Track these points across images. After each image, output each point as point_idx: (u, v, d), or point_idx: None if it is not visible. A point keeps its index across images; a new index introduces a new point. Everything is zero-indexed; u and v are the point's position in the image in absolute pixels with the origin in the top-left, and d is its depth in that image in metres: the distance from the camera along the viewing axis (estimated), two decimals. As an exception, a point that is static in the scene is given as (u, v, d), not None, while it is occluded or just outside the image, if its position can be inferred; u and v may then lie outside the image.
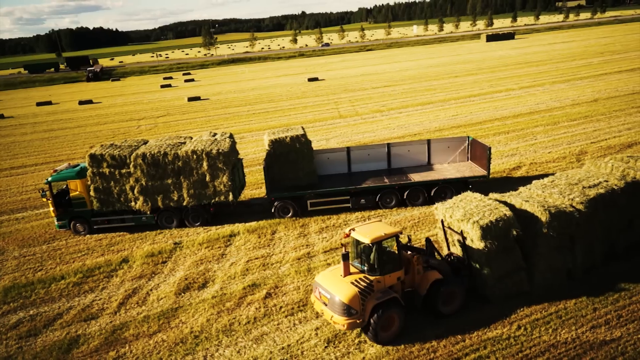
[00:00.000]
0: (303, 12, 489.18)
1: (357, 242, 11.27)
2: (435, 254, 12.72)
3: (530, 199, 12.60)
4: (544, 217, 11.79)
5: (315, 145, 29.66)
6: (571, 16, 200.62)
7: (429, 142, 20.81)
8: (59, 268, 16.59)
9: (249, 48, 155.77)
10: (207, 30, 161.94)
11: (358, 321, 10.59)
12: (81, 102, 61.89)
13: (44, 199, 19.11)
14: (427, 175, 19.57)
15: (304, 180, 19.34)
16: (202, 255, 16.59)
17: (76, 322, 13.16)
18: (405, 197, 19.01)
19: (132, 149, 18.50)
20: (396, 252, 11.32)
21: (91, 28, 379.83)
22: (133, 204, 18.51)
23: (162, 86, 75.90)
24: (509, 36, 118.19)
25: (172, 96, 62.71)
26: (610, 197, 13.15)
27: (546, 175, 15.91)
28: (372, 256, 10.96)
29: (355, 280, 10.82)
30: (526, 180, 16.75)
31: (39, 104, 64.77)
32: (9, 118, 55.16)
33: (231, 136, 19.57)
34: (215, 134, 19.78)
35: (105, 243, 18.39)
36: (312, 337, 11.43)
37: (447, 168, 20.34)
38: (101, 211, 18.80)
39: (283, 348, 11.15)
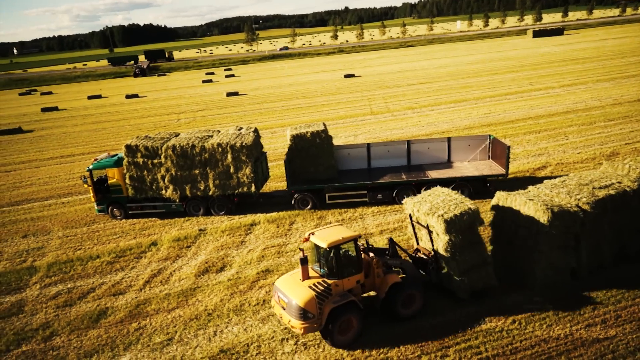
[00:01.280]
0: (346, 8, 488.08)
1: (316, 247, 11.30)
2: (403, 252, 12.87)
3: (536, 198, 12.72)
4: (545, 216, 11.92)
5: (343, 141, 30.49)
6: (628, 10, 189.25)
7: (449, 140, 20.97)
8: (95, 248, 18.20)
9: (290, 44, 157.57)
10: (250, 27, 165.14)
11: (315, 325, 10.67)
12: (128, 96, 65.29)
13: (86, 185, 20.84)
14: (445, 172, 19.79)
15: (323, 174, 20.06)
16: (223, 242, 17.70)
17: (106, 296, 14.56)
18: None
19: (164, 141, 19.85)
20: (355, 255, 11.41)
21: (142, 25, 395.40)
22: (164, 192, 19.88)
23: (204, 81, 78.60)
24: (558, 32, 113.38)
25: (212, 91, 64.98)
26: (622, 198, 13.03)
27: (566, 175, 15.83)
28: (330, 260, 11.07)
29: (313, 284, 10.86)
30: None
31: (90, 97, 68.86)
32: (62, 110, 59.12)
33: (255, 130, 20.55)
34: (241, 128, 20.83)
35: (138, 227, 19.89)
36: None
37: (467, 166, 20.45)
38: (135, 198, 20.30)
39: (286, 328, 11.96)
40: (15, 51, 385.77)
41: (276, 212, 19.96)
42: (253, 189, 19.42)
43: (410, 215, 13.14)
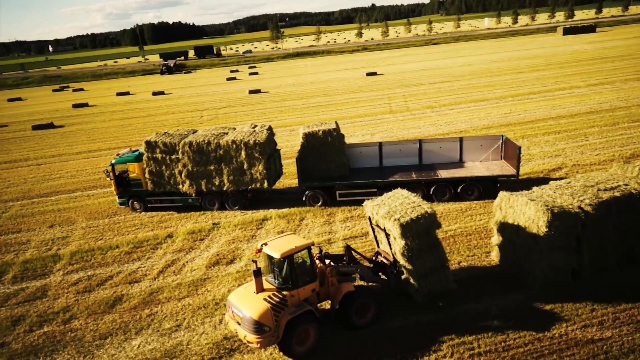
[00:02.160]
0: (373, 5, 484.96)
1: (269, 257, 11.04)
2: (361, 257, 12.91)
3: (538, 198, 12.79)
4: (545, 217, 12.00)
5: (359, 139, 30.82)
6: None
7: (461, 139, 21.03)
8: (115, 239, 19.14)
9: (315, 42, 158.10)
10: (275, 24, 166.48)
11: (272, 338, 10.44)
12: (154, 93, 67.09)
13: (108, 179, 21.85)
14: (455, 172, 19.89)
15: (334, 171, 20.45)
16: (235, 236, 18.34)
17: (122, 283, 15.40)
18: (431, 192, 19.50)
19: (182, 138, 20.62)
20: (309, 264, 11.30)
21: (171, 23, 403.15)
22: (181, 186, 20.68)
23: (228, 79, 79.92)
24: (590, 29, 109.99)
25: (235, 89, 66.08)
26: (627, 201, 12.95)
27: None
28: (284, 270, 10.86)
29: (268, 296, 10.60)
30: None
31: (118, 94, 71.07)
32: (92, 107, 61.30)
33: (269, 128, 21.10)
34: (255, 126, 21.43)
35: (156, 220, 20.76)
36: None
37: (478, 166, 20.48)
38: (154, 192, 21.18)
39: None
40: (50, 49, 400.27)
41: (288, 208, 20.48)
42: (265, 185, 19.99)
43: (369, 218, 12.97)
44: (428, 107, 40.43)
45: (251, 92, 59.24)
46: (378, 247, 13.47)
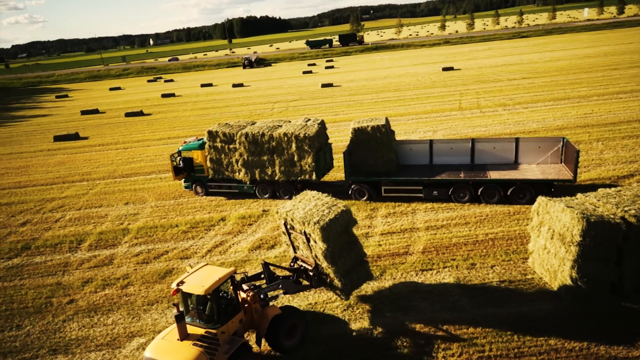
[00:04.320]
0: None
1: (188, 296, 10.03)
2: (280, 270, 12.78)
3: (576, 206, 12.18)
4: (580, 225, 11.42)
5: (420, 136, 30.58)
6: None
7: (517, 140, 20.16)
8: (176, 218, 21.12)
9: (396, 35, 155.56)
10: (355, 17, 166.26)
11: None
12: (234, 85, 70.86)
13: (175, 163, 24.00)
14: (506, 174, 19.17)
15: (381, 167, 20.68)
16: (280, 223, 19.35)
17: (175, 258, 17.13)
18: (479, 193, 19.02)
19: (240, 128, 22.06)
20: (232, 293, 10.55)
21: (258, 17, 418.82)
22: (237, 174, 22.18)
23: (304, 72, 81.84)
24: None
25: (309, 82, 67.64)
26: (684, 214, 11.86)
27: None
28: (208, 307, 9.93)
29: (197, 340, 9.53)
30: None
31: (202, 86, 76.02)
32: (178, 97, 66.34)
33: (321, 123, 21.82)
34: (308, 120, 22.27)
35: (214, 204, 22.51)
36: (337, 301, 13.23)
37: (533, 169, 19.53)
38: (214, 178, 22.93)
39: (310, 304, 13.22)
40: (151, 42, 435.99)
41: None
42: (314, 177, 20.79)
43: (285, 223, 12.51)
44: (500, 105, 38.61)
45: (323, 85, 60.34)
46: (295, 252, 13.04)
